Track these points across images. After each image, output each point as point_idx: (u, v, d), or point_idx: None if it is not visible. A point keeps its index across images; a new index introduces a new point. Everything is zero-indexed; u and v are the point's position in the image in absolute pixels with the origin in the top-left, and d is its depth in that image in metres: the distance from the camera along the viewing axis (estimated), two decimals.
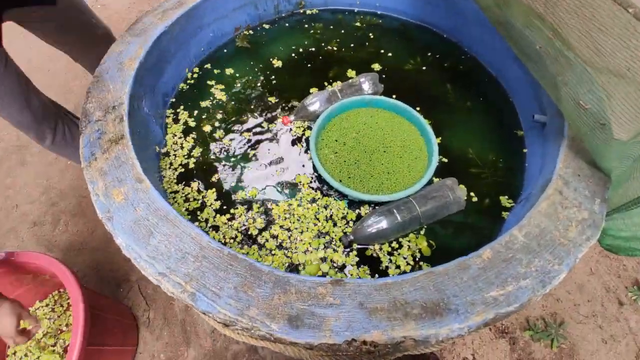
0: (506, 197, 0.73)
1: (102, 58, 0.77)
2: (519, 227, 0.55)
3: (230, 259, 0.52)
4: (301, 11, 1.11)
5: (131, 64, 0.76)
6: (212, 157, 0.81)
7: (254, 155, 0.81)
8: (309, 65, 0.98)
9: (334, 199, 0.73)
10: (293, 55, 1.00)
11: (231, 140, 0.83)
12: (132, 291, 1.08)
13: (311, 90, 0.91)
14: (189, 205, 0.73)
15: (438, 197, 0.68)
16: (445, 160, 0.79)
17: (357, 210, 0.72)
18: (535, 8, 0.59)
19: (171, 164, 0.79)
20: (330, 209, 0.72)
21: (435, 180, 0.75)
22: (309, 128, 0.84)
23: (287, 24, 1.09)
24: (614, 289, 1.00)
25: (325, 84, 0.93)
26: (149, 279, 0.52)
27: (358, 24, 1.09)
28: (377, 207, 0.70)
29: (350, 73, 0.95)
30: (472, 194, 0.74)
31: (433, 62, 0.99)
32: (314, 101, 0.83)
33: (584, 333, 0.94)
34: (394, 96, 0.88)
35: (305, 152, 0.81)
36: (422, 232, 0.69)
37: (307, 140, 0.82)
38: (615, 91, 0.56)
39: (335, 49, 1.02)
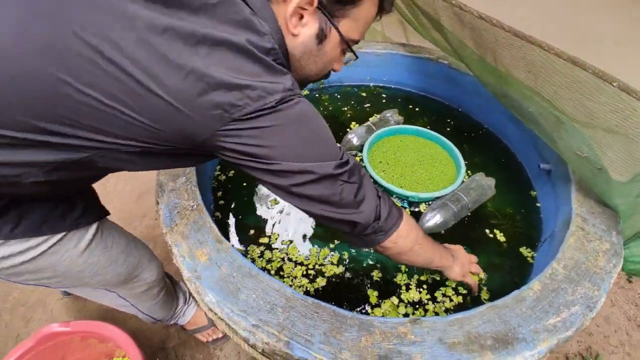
0: (525, 247, 0.83)
1: None
2: (557, 261, 0.64)
3: (315, 307, 0.57)
4: (320, 87, 1.30)
5: None
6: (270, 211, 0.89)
7: None
8: (333, 123, 1.13)
9: None
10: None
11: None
12: (168, 359, 1.05)
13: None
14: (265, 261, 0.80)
15: (476, 187, 0.89)
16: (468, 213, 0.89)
17: (416, 209, 0.91)
18: (531, 86, 0.75)
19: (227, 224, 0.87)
20: None
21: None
22: (355, 155, 1.04)
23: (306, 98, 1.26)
24: (634, 317, 1.07)
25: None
26: (239, 333, 0.56)
27: (364, 94, 1.28)
28: (431, 204, 0.88)
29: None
30: (501, 239, 0.84)
31: (438, 123, 1.15)
32: (353, 136, 1.05)
33: None
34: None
35: None
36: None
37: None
38: (606, 142, 0.70)
39: (350, 112, 1.21)
